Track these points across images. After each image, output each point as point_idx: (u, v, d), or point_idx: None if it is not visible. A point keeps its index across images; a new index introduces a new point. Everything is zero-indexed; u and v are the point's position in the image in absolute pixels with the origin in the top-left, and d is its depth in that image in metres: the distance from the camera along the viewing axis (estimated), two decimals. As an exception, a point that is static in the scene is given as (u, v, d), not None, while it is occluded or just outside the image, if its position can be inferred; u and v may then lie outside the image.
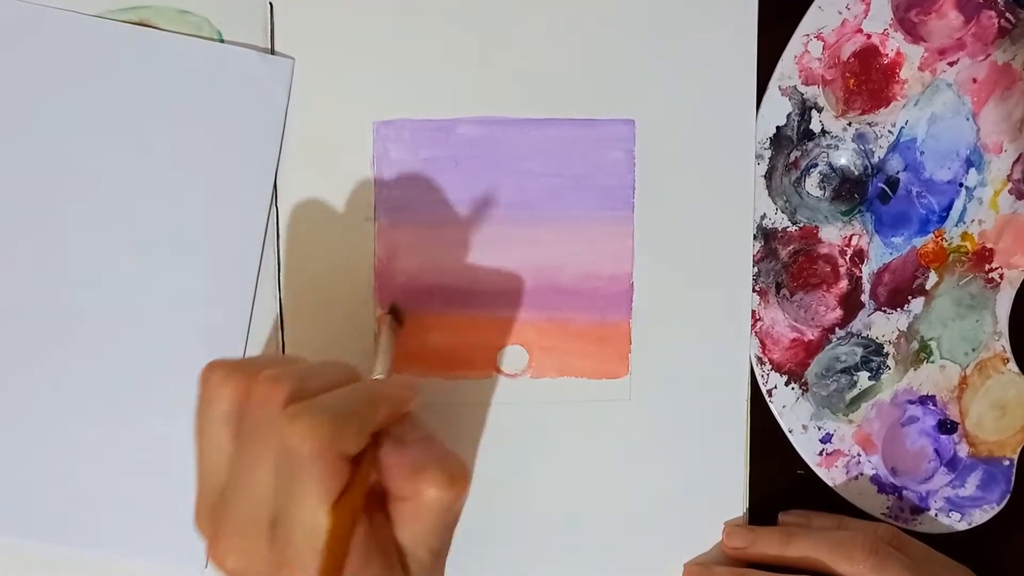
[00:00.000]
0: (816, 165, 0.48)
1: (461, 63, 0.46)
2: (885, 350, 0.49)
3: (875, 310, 0.48)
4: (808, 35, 0.46)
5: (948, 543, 0.46)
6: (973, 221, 0.48)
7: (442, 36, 0.46)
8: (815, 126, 0.47)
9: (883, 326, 0.48)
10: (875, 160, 0.47)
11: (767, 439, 0.49)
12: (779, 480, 0.48)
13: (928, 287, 0.48)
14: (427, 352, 0.47)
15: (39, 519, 0.46)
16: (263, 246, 0.46)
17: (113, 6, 0.44)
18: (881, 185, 0.48)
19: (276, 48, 0.45)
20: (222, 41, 0.45)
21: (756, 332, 0.48)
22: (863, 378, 0.49)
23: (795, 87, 0.47)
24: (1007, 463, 0.49)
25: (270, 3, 0.45)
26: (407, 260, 0.46)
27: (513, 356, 0.47)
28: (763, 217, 0.48)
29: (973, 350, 0.49)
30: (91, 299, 0.45)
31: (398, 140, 0.46)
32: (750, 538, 0.47)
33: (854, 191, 0.48)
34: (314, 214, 0.46)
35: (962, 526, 0.49)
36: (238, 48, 0.45)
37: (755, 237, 0.48)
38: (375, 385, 0.40)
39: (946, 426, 0.49)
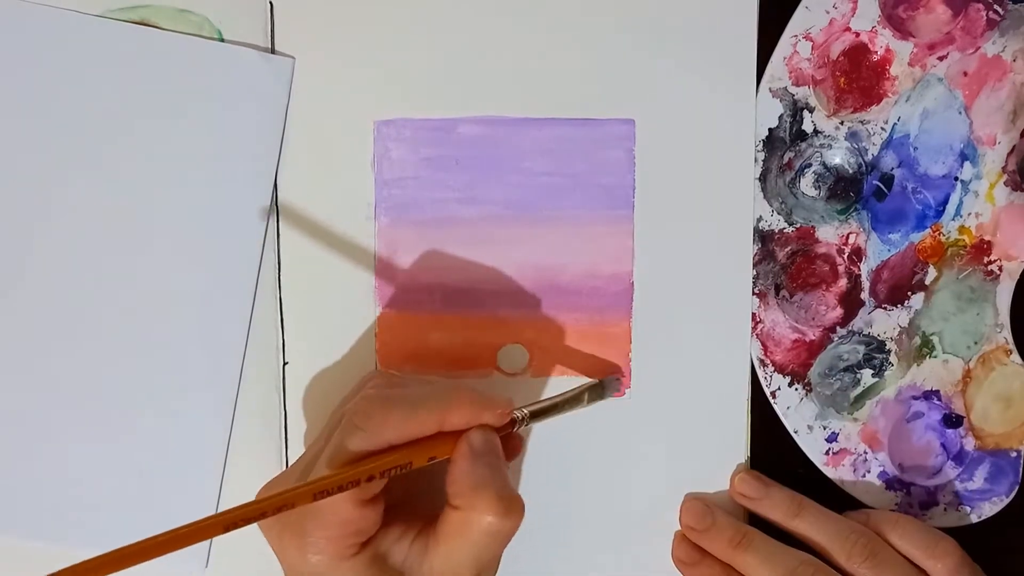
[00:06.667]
0: (810, 165, 0.48)
1: (461, 63, 0.46)
2: (887, 347, 0.49)
3: (875, 307, 0.48)
4: (796, 36, 0.47)
5: (958, 537, 0.45)
6: (970, 214, 0.48)
7: (442, 36, 0.46)
8: (807, 126, 0.48)
9: (884, 323, 0.48)
10: (869, 158, 0.48)
11: (769, 440, 0.48)
12: (782, 481, 0.48)
13: (928, 282, 0.48)
14: (427, 351, 0.47)
15: (39, 519, 0.45)
16: (263, 246, 0.45)
17: (113, 5, 0.44)
18: (876, 182, 0.48)
19: (276, 48, 0.45)
20: (222, 41, 0.45)
21: (757, 334, 0.48)
22: (866, 376, 0.49)
23: (785, 88, 0.47)
24: (1014, 455, 0.49)
25: (270, 3, 0.45)
26: (407, 259, 0.46)
27: (513, 355, 0.47)
28: (759, 219, 0.48)
29: (975, 343, 0.49)
30: (90, 298, 0.45)
31: (399, 139, 0.46)
32: (761, 492, 0.47)
33: (849, 189, 0.48)
34: (314, 214, 0.46)
35: (971, 519, 0.49)
36: (238, 48, 0.45)
37: (752, 240, 0.48)
38: (450, 386, 0.42)
39: (952, 420, 0.49)
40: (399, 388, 0.42)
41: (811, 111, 0.48)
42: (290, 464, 0.44)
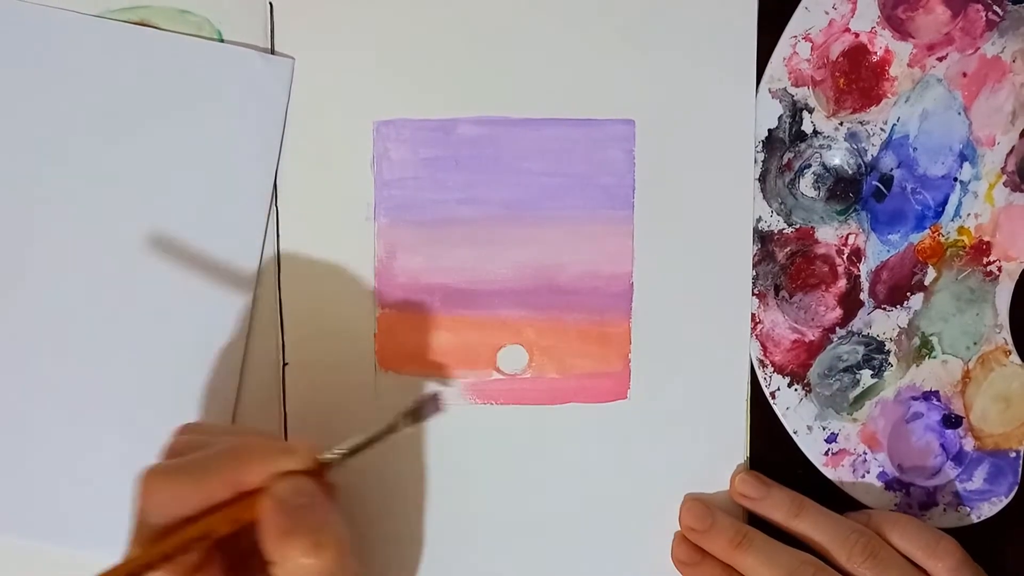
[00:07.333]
0: (810, 166, 0.48)
1: (461, 63, 0.46)
2: (887, 347, 0.49)
3: (875, 308, 0.48)
4: (796, 36, 0.47)
5: (957, 537, 0.45)
6: (969, 215, 0.48)
7: (442, 36, 0.46)
8: (807, 127, 0.48)
9: (883, 324, 0.48)
10: (868, 158, 0.48)
11: (769, 440, 0.48)
12: (782, 481, 0.48)
13: (927, 283, 0.48)
14: (427, 351, 0.47)
15: (39, 519, 0.45)
16: (263, 246, 0.45)
17: (113, 5, 0.44)
18: (875, 183, 0.48)
19: (276, 48, 0.45)
20: (222, 41, 0.45)
21: (757, 335, 0.48)
22: (866, 376, 0.49)
23: (785, 89, 0.47)
24: (1014, 455, 0.49)
25: (270, 3, 0.45)
26: (407, 260, 0.46)
27: (513, 356, 0.47)
28: (759, 220, 0.48)
29: (975, 344, 0.49)
30: (90, 299, 0.45)
31: (398, 139, 0.46)
32: (762, 492, 0.47)
33: (849, 190, 0.48)
34: (314, 214, 0.46)
35: (971, 519, 0.49)
36: (238, 48, 0.45)
37: (752, 240, 0.48)
38: (239, 445, 0.38)
39: (951, 421, 0.49)
40: (196, 449, 0.38)
41: (810, 112, 0.48)
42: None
